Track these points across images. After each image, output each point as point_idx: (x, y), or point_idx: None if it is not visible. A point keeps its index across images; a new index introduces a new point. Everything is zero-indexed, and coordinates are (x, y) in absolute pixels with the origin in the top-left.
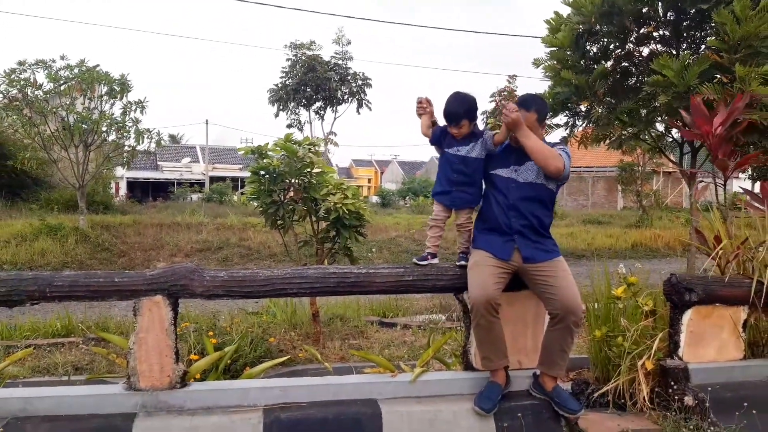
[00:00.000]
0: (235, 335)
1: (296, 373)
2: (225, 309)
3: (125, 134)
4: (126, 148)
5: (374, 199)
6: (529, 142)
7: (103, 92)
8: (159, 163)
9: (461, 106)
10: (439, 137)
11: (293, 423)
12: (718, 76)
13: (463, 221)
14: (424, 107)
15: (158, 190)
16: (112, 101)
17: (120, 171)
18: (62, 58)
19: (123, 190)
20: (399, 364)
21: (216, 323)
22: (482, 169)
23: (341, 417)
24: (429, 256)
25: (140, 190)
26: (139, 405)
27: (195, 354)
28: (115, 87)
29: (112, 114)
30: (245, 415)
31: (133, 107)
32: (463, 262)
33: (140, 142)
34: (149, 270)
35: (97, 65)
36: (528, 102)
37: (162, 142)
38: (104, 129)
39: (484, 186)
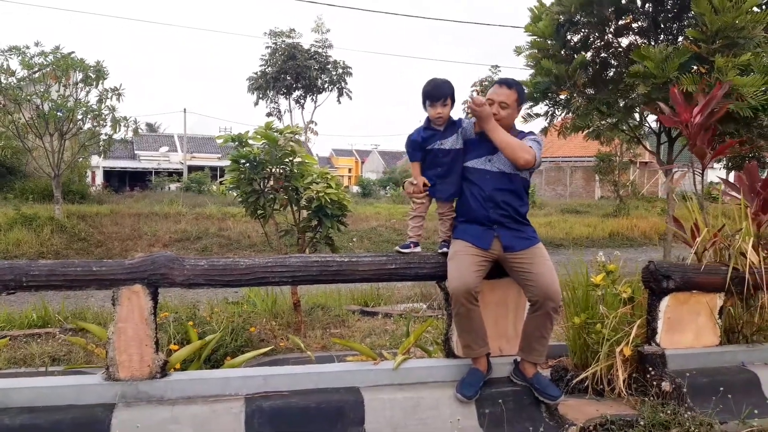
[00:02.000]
0: (215, 325)
1: (277, 362)
2: (205, 299)
3: (101, 122)
4: (102, 136)
5: (355, 188)
6: (498, 136)
7: (78, 79)
8: (136, 152)
9: (445, 84)
10: (419, 145)
11: (275, 412)
12: (696, 66)
13: (445, 210)
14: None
15: (135, 179)
16: (87, 89)
17: (96, 160)
18: (36, 44)
19: (99, 179)
20: (381, 352)
21: (196, 313)
22: (461, 159)
23: (324, 405)
24: (412, 245)
25: (117, 180)
26: (119, 395)
27: (175, 344)
28: (91, 74)
29: (88, 102)
30: (227, 404)
31: (109, 95)
32: (445, 249)
33: (117, 130)
34: (128, 259)
35: (72, 52)
36: (510, 82)
37: (139, 130)
38: (80, 117)
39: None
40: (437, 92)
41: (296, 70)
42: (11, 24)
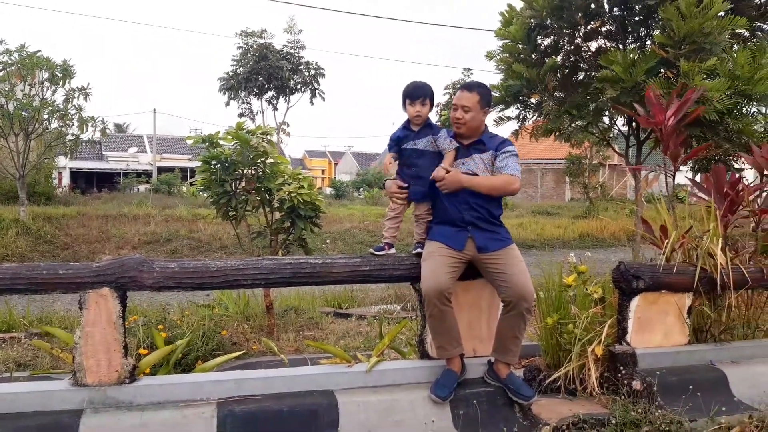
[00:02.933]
0: (186, 328)
1: (250, 365)
2: (175, 302)
3: (68, 122)
4: (69, 136)
5: (328, 190)
6: (482, 187)
7: (44, 78)
8: (104, 152)
9: (425, 86)
10: (396, 141)
11: (248, 416)
12: (663, 71)
13: (422, 212)
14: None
15: (103, 180)
16: (54, 88)
17: (63, 161)
18: (0, 42)
19: (66, 180)
20: (355, 355)
21: (166, 316)
22: (436, 161)
23: (297, 408)
24: (386, 246)
25: (84, 181)
26: (86, 401)
27: (144, 348)
28: (57, 73)
29: (54, 101)
30: (198, 409)
31: (76, 94)
32: (419, 250)
33: (84, 130)
34: (96, 262)
35: (38, 51)
36: (471, 85)
37: (107, 130)
38: (46, 117)
39: None
40: (416, 92)
41: (268, 71)
42: None
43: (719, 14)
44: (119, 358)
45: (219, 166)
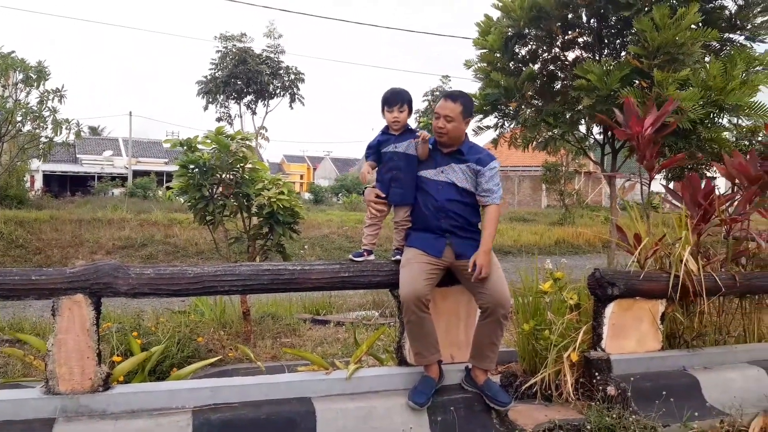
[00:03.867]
0: (161, 335)
1: (226, 373)
2: (149, 308)
3: (42, 124)
4: (42, 139)
5: (306, 195)
6: (493, 235)
7: (18, 80)
8: (78, 155)
9: (402, 92)
10: (375, 148)
11: (224, 424)
12: (637, 81)
13: (401, 219)
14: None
15: (77, 184)
16: (27, 89)
17: (36, 164)
18: None
19: (39, 183)
20: (333, 361)
21: (140, 323)
22: (415, 165)
23: (274, 416)
24: (365, 253)
25: (58, 184)
26: (59, 410)
27: (118, 355)
28: (32, 74)
29: (28, 103)
30: (173, 417)
31: (51, 96)
32: (398, 257)
33: (58, 133)
34: (69, 267)
35: (12, 51)
36: (454, 94)
37: (82, 133)
38: (19, 119)
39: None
40: (394, 98)
41: (247, 75)
42: None
43: (692, 26)
44: (93, 365)
45: (197, 170)
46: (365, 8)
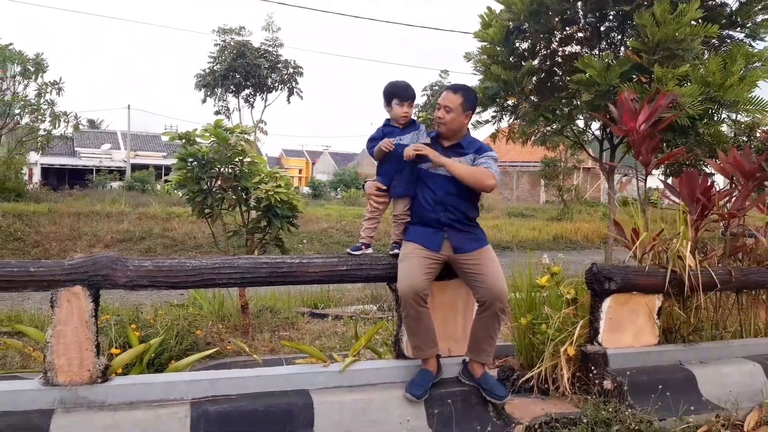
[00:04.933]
0: (159, 328)
1: (224, 365)
2: (148, 301)
3: (40, 117)
4: (41, 132)
5: (305, 189)
6: (455, 170)
7: (16, 72)
8: (77, 149)
9: (411, 87)
10: (381, 139)
11: (222, 416)
12: (637, 76)
13: (400, 213)
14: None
15: (75, 177)
16: (25, 82)
17: (34, 156)
18: None
19: (37, 176)
20: (331, 354)
21: (139, 316)
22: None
23: (272, 408)
24: (363, 246)
25: (56, 178)
26: (57, 401)
27: (117, 348)
28: (30, 67)
29: (26, 96)
30: (171, 409)
31: (49, 89)
32: (396, 251)
33: (56, 125)
34: (68, 260)
35: (10, 44)
36: (456, 87)
37: (80, 126)
38: (17, 111)
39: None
40: (406, 93)
41: (246, 68)
42: None
43: (692, 22)
44: (91, 357)
45: (195, 163)
46: (364, 2)
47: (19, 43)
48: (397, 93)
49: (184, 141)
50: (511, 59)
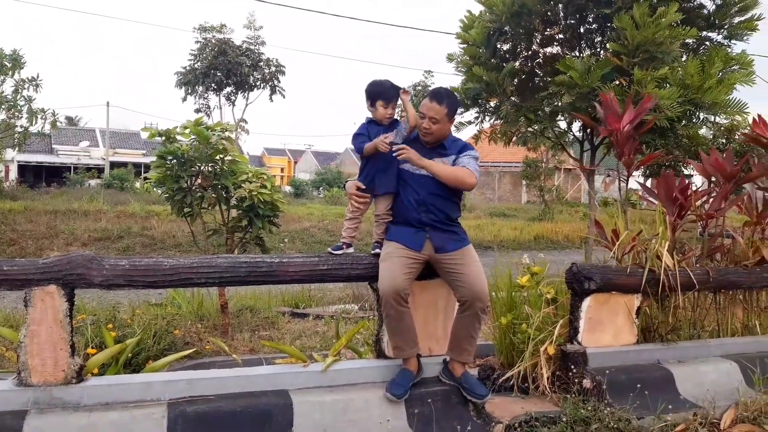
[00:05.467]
0: (137, 328)
1: (203, 365)
2: (126, 301)
3: (17, 114)
4: (17, 128)
5: (287, 189)
6: (435, 170)
7: None
8: (54, 146)
9: (395, 86)
10: (367, 137)
11: (200, 417)
12: (617, 78)
13: (382, 212)
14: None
15: (53, 174)
16: (2, 78)
17: (10, 153)
18: None
19: (13, 174)
20: (311, 354)
21: (116, 315)
22: (391, 160)
23: (251, 409)
24: (344, 246)
25: (33, 175)
26: (31, 402)
27: (93, 348)
28: (6, 63)
29: (3, 92)
30: (148, 410)
31: (26, 85)
32: (377, 250)
33: (33, 122)
34: (42, 258)
35: None
36: (441, 95)
37: (58, 123)
38: None
39: None
40: (391, 93)
41: (227, 66)
42: None
43: (671, 24)
44: (66, 357)
45: (175, 161)
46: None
47: None
48: (382, 94)
49: (164, 138)
50: (492, 60)
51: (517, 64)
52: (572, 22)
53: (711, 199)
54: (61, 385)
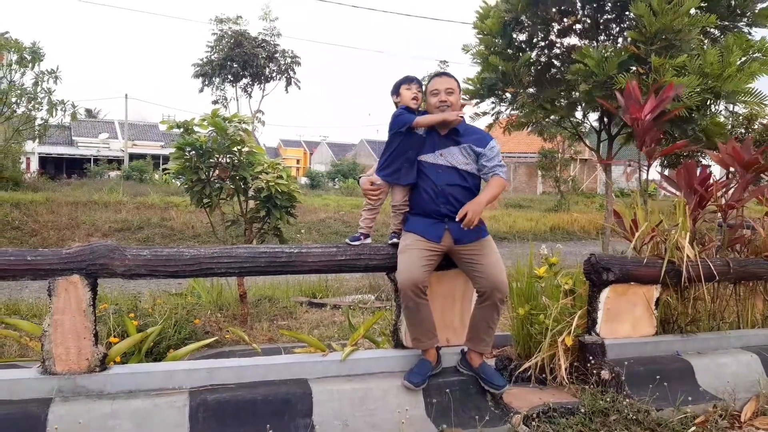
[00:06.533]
0: (158, 317)
1: (223, 354)
2: (146, 290)
3: (37, 106)
4: (38, 120)
5: (303, 180)
6: (491, 200)
7: (12, 61)
8: (74, 138)
9: (411, 75)
10: (408, 117)
11: (221, 405)
12: (635, 67)
13: (399, 203)
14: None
15: (73, 166)
16: (22, 70)
17: (31, 146)
18: None
19: (34, 166)
20: (330, 344)
21: (137, 305)
22: (419, 147)
23: (271, 397)
24: (362, 236)
25: (53, 167)
26: (56, 390)
27: (115, 336)
28: (26, 55)
29: (23, 84)
30: (170, 398)
31: (46, 77)
32: (395, 240)
33: (53, 114)
34: (66, 248)
35: (6, 32)
36: (445, 72)
37: (77, 115)
38: (14, 100)
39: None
40: (408, 77)
41: (243, 58)
42: None
43: (690, 11)
44: (89, 346)
45: (194, 152)
46: None
47: (16, 32)
48: (402, 81)
49: (182, 130)
50: (509, 50)
51: (534, 54)
52: (590, 11)
53: (731, 190)
54: (84, 373)
